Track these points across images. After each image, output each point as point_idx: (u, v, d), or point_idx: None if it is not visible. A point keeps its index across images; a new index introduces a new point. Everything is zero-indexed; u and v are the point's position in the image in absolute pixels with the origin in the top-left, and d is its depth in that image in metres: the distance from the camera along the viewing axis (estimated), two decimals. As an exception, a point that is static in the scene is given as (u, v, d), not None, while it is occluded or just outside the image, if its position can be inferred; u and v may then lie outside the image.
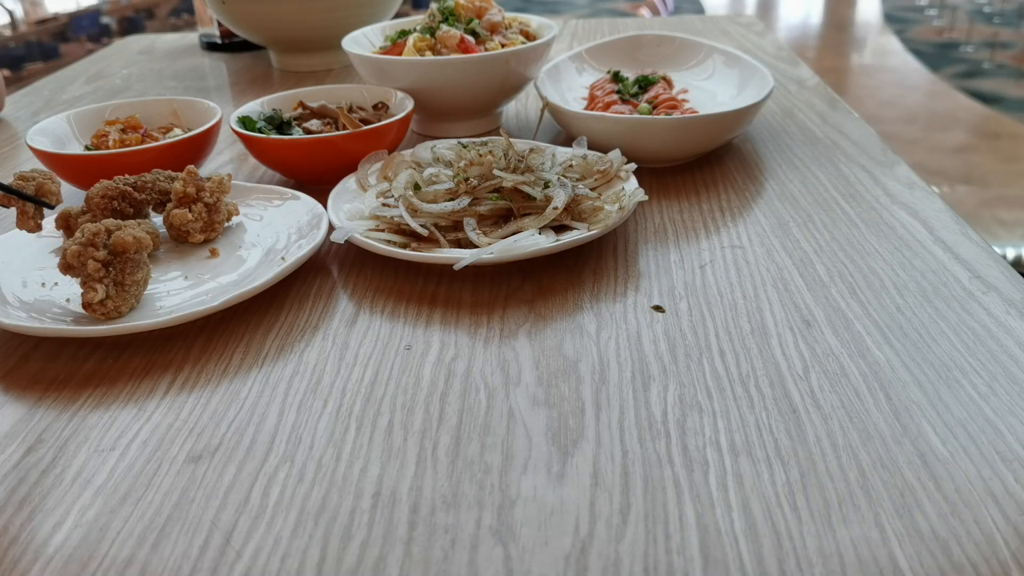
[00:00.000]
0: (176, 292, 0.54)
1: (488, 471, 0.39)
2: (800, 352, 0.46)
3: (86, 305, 0.49)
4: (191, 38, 1.34)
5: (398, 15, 1.10)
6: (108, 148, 0.71)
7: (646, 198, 0.59)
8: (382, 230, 0.58)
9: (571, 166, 0.63)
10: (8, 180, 0.56)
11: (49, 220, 0.62)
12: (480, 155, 0.61)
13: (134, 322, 0.49)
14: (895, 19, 5.39)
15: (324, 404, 0.44)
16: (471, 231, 0.56)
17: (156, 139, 0.73)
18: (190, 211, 0.59)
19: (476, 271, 0.57)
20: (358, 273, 0.58)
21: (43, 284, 0.55)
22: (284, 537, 0.36)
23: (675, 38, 0.93)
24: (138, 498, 0.38)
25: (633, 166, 0.64)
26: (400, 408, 0.44)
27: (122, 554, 0.35)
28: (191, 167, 0.62)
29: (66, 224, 0.59)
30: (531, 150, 0.62)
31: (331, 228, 0.58)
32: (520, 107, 0.92)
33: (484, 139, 0.67)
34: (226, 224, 0.62)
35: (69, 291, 0.54)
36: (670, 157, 0.72)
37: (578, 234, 0.55)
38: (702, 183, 0.69)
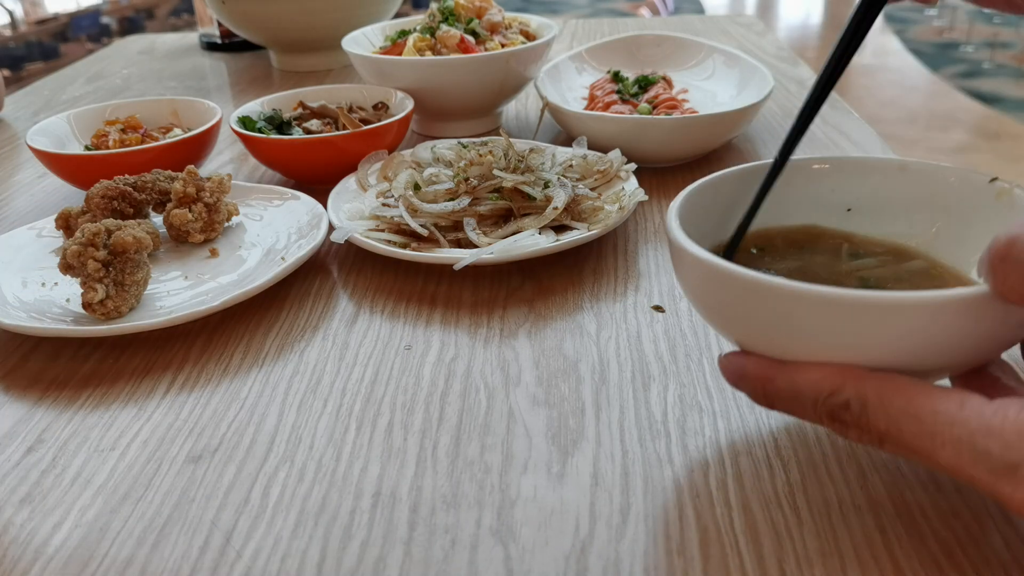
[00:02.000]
0: (176, 292, 0.54)
1: (488, 471, 0.39)
2: (800, 352, 0.46)
3: (86, 305, 0.49)
4: (191, 38, 1.34)
5: (398, 15, 1.10)
6: (108, 148, 0.71)
7: (646, 198, 0.59)
8: (382, 230, 0.58)
9: (571, 166, 0.63)
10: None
11: (49, 220, 0.62)
12: (480, 155, 0.61)
13: (134, 322, 0.49)
14: (895, 19, 5.39)
15: (324, 404, 0.44)
16: (471, 231, 0.56)
17: (156, 139, 0.73)
18: (190, 211, 0.59)
19: (476, 271, 0.57)
20: (358, 273, 0.58)
21: (43, 284, 0.55)
22: (284, 537, 0.36)
23: (675, 38, 0.93)
24: (138, 498, 0.38)
25: (633, 166, 0.64)
26: (400, 408, 0.44)
27: (122, 554, 0.35)
28: (191, 167, 0.62)
29: (66, 224, 0.59)
30: (531, 150, 0.62)
31: (331, 228, 0.58)
32: (520, 107, 0.92)
33: (484, 139, 0.67)
34: (226, 224, 0.62)
35: (69, 291, 0.54)
36: (670, 157, 0.72)
37: (578, 234, 0.55)
38: (702, 183, 0.69)
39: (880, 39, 5.03)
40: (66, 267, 0.50)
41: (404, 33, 0.83)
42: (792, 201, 0.42)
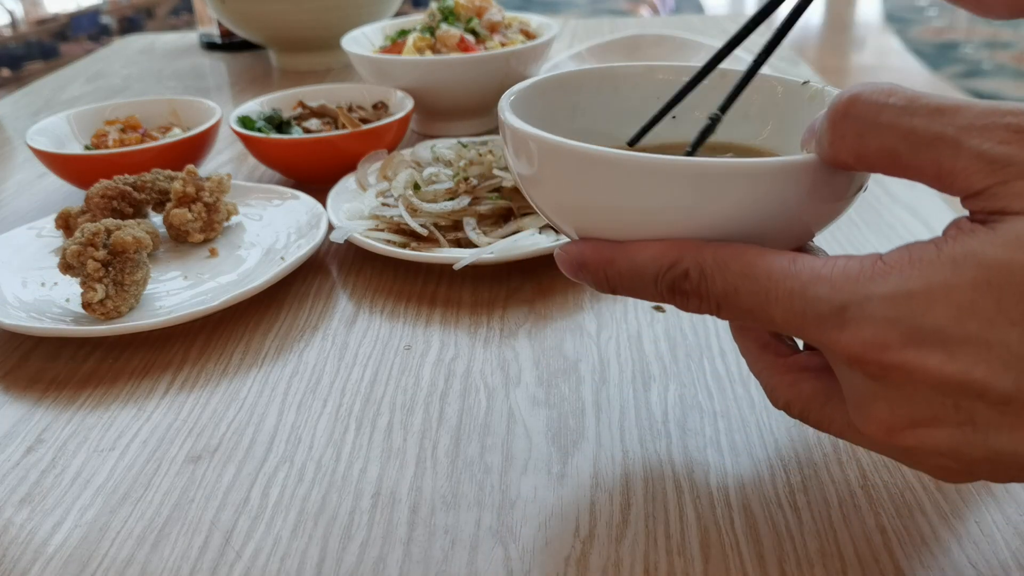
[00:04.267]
0: (176, 292, 0.54)
1: (488, 471, 0.39)
2: (800, 352, 0.46)
3: (86, 305, 0.49)
4: (191, 38, 1.34)
5: (398, 14, 1.10)
6: (108, 148, 0.71)
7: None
8: (382, 230, 0.58)
9: (571, 166, 0.63)
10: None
11: (49, 220, 0.62)
12: (480, 154, 0.61)
13: (134, 322, 0.49)
14: (895, 19, 5.39)
15: (324, 404, 0.44)
16: (471, 231, 0.56)
17: (156, 139, 0.73)
18: (190, 211, 0.59)
19: (476, 271, 0.56)
20: (358, 273, 0.58)
21: (43, 284, 0.55)
22: (284, 537, 0.36)
23: (675, 38, 0.93)
24: (138, 498, 0.38)
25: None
26: (400, 408, 0.43)
27: (122, 554, 0.35)
28: (191, 167, 0.62)
29: (66, 224, 0.59)
30: (531, 150, 0.62)
31: (331, 228, 0.58)
32: (520, 107, 0.91)
33: (484, 139, 0.67)
34: (226, 224, 0.62)
35: (69, 291, 0.54)
36: (670, 157, 0.71)
37: (578, 234, 0.55)
38: (702, 183, 0.69)
39: (880, 39, 5.04)
40: (66, 267, 0.50)
41: (404, 32, 0.83)
42: (629, 109, 0.41)
